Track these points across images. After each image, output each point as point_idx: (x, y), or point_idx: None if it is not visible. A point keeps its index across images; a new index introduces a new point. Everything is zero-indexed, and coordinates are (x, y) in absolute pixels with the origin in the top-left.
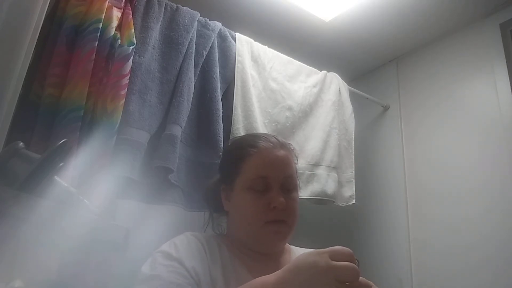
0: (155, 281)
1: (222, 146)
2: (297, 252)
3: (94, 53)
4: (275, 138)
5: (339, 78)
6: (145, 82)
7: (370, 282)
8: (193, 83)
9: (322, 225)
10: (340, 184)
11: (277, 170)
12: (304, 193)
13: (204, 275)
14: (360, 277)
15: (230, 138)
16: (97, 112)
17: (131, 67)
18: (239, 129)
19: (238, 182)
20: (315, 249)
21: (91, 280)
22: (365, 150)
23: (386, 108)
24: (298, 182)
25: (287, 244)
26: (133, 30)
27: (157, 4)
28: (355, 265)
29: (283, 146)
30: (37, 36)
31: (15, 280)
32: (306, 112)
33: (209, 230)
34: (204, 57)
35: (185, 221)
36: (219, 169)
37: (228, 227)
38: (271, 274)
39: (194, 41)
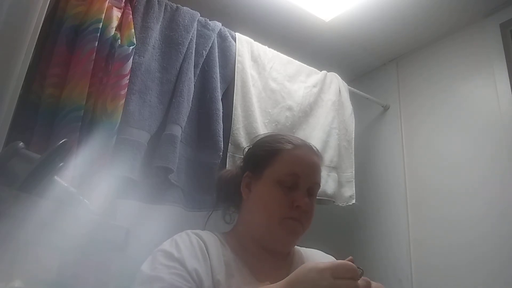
0: (156, 283)
1: (222, 146)
2: (301, 252)
3: (94, 53)
4: (310, 144)
5: (339, 78)
6: (145, 82)
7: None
8: (193, 83)
9: (322, 225)
10: (340, 184)
11: (310, 173)
12: None
13: (206, 277)
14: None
15: (230, 138)
16: (97, 112)
17: (131, 67)
18: (239, 129)
19: (267, 173)
20: (316, 248)
21: (91, 280)
22: (365, 150)
23: (386, 108)
24: None
25: None
26: (133, 30)
27: (157, 4)
28: (356, 285)
29: (317, 153)
30: (37, 36)
31: (15, 280)
32: (306, 112)
33: (208, 227)
34: (204, 57)
35: (185, 221)
36: (247, 156)
37: (239, 218)
38: (272, 286)
39: (194, 41)
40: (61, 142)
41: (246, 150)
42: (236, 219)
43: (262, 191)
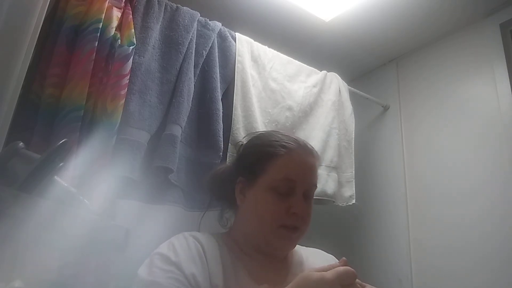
0: None
1: (222, 146)
2: (300, 252)
3: (94, 53)
4: (304, 142)
5: (339, 78)
6: (145, 82)
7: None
8: (193, 83)
9: (322, 225)
10: (340, 184)
11: (306, 176)
12: None
13: (204, 282)
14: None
15: (230, 138)
16: (97, 112)
17: (131, 67)
18: (239, 129)
19: (261, 179)
20: (316, 247)
21: (91, 280)
22: (365, 150)
23: (386, 108)
24: None
25: None
26: (133, 30)
27: (157, 4)
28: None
29: (312, 152)
30: (37, 36)
31: (15, 280)
32: (306, 112)
33: (202, 228)
34: (204, 57)
35: (185, 221)
36: (239, 159)
37: (235, 222)
38: None
39: (194, 41)
40: (61, 142)
41: (241, 150)
42: (232, 222)
43: (256, 198)
